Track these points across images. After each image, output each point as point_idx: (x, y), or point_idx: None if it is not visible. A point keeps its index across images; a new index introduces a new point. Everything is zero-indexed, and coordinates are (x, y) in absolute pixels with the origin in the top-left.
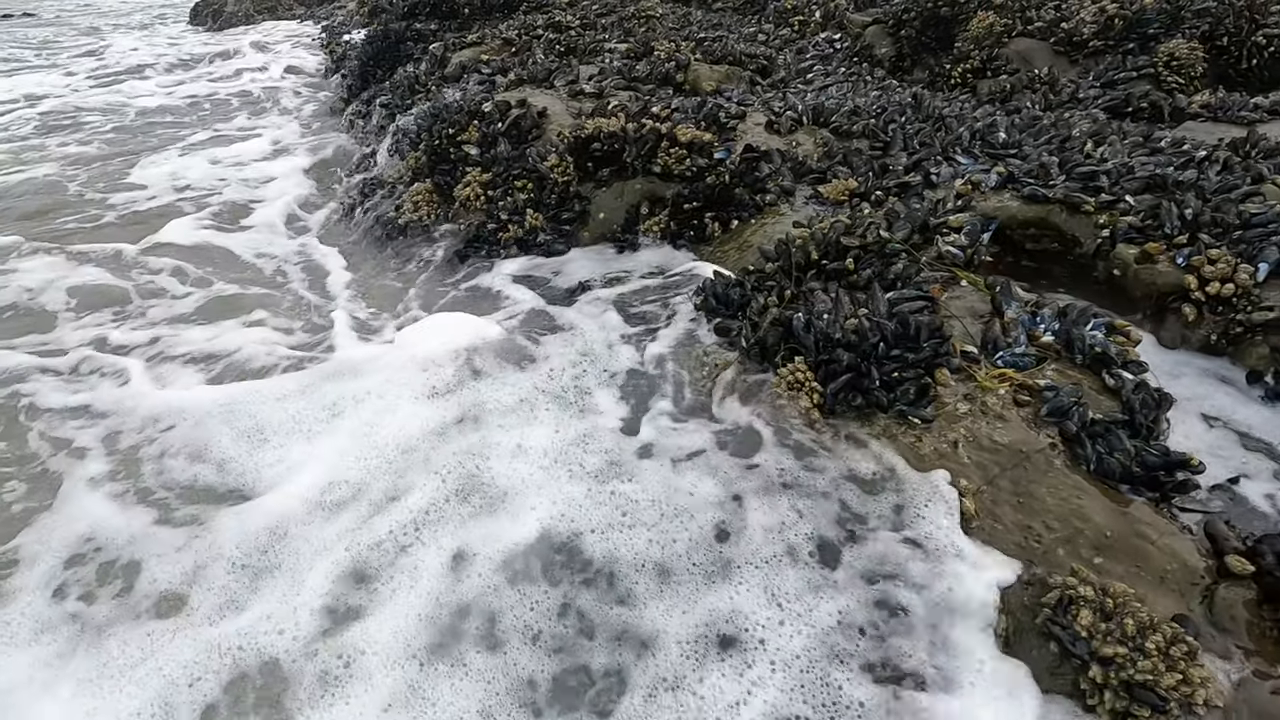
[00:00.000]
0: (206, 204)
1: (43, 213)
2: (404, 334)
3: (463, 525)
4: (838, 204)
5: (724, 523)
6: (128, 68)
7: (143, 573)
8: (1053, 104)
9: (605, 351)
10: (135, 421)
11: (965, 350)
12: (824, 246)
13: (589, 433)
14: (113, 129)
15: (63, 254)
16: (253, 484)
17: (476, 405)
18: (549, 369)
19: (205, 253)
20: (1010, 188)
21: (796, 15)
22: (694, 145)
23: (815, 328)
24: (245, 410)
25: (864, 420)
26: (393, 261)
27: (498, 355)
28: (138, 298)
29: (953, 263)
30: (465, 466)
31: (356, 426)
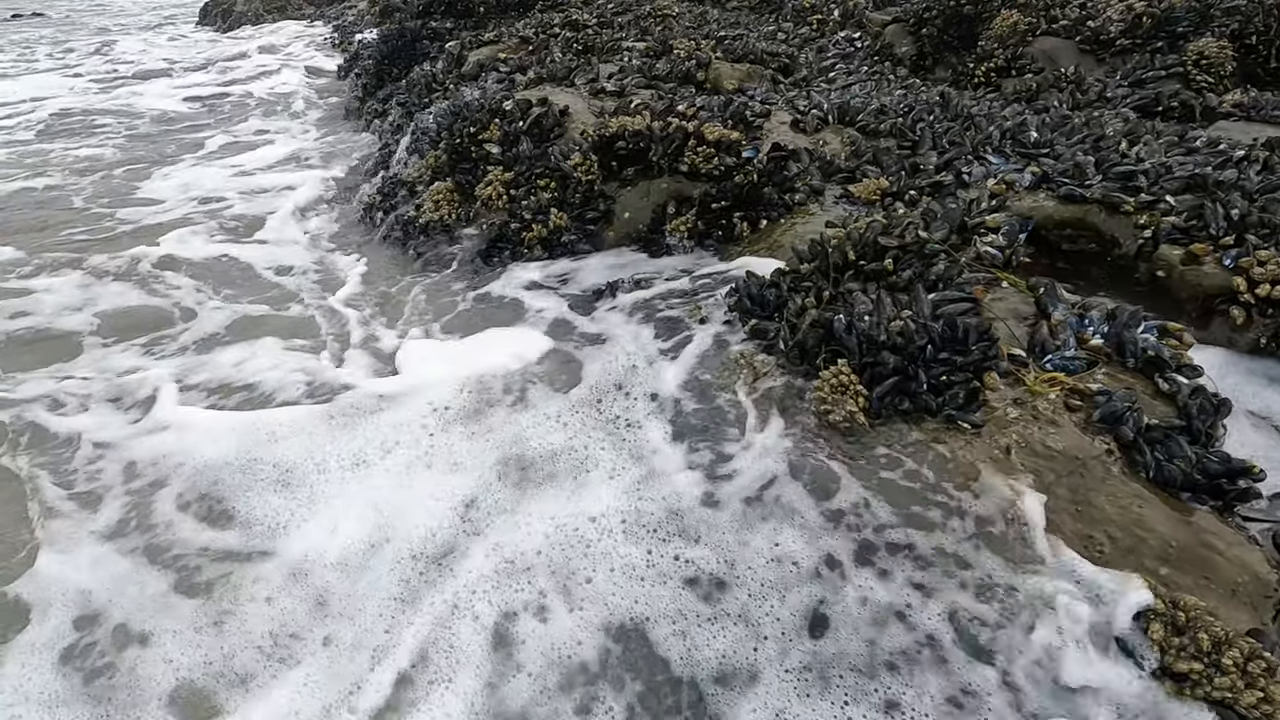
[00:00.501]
0: (221, 214)
1: (55, 224)
2: (430, 360)
3: (509, 601)
4: (869, 204)
5: (822, 603)
6: (137, 69)
7: (157, 647)
8: (1080, 103)
9: (646, 369)
10: (151, 460)
11: (1012, 353)
12: (861, 247)
13: (644, 477)
14: (123, 133)
15: (78, 270)
16: (276, 544)
17: (518, 443)
18: (594, 397)
19: (223, 267)
20: (1045, 187)
21: (815, 14)
22: (722, 144)
23: (857, 329)
24: (267, 454)
25: (911, 424)
26: (414, 265)
27: (535, 381)
28: (156, 319)
29: (992, 263)
30: (510, 525)
31: (389, 478)
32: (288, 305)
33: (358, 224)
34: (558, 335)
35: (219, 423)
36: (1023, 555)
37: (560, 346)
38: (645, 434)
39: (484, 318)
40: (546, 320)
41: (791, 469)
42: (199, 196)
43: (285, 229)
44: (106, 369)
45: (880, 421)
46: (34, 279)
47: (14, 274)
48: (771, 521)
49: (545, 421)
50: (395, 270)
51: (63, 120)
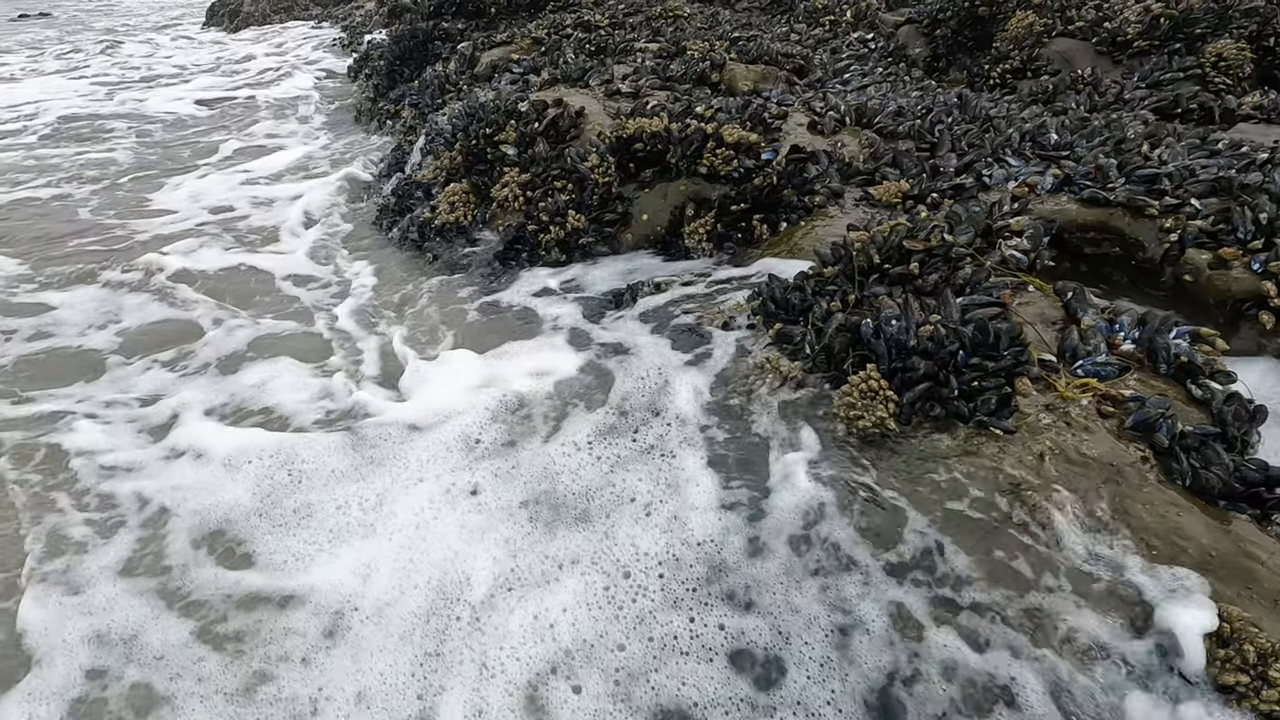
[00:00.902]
0: (234, 224)
1: (64, 234)
2: (452, 381)
3: (539, 664)
4: (890, 207)
5: (894, 680)
6: (144, 72)
7: (184, 717)
8: (1098, 105)
9: (672, 384)
10: (167, 489)
11: (1043, 358)
12: (886, 250)
13: (680, 517)
14: (130, 139)
15: (92, 284)
16: (302, 591)
17: (548, 478)
18: (622, 422)
19: (240, 279)
20: (1067, 190)
21: (827, 14)
22: (741, 146)
23: (885, 334)
24: (286, 489)
25: (942, 431)
26: (432, 269)
27: (561, 403)
28: (174, 336)
29: (1017, 267)
30: (540, 576)
31: (412, 519)
32: (305, 319)
33: (373, 227)
34: (580, 347)
35: (237, 451)
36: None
37: (584, 361)
38: (678, 463)
39: (503, 328)
40: (567, 331)
41: (839, 501)
42: (210, 205)
43: (300, 236)
44: (124, 389)
45: (910, 427)
46: (47, 293)
47: (27, 287)
48: (825, 576)
49: (575, 454)
50: (412, 276)
51: (69, 125)
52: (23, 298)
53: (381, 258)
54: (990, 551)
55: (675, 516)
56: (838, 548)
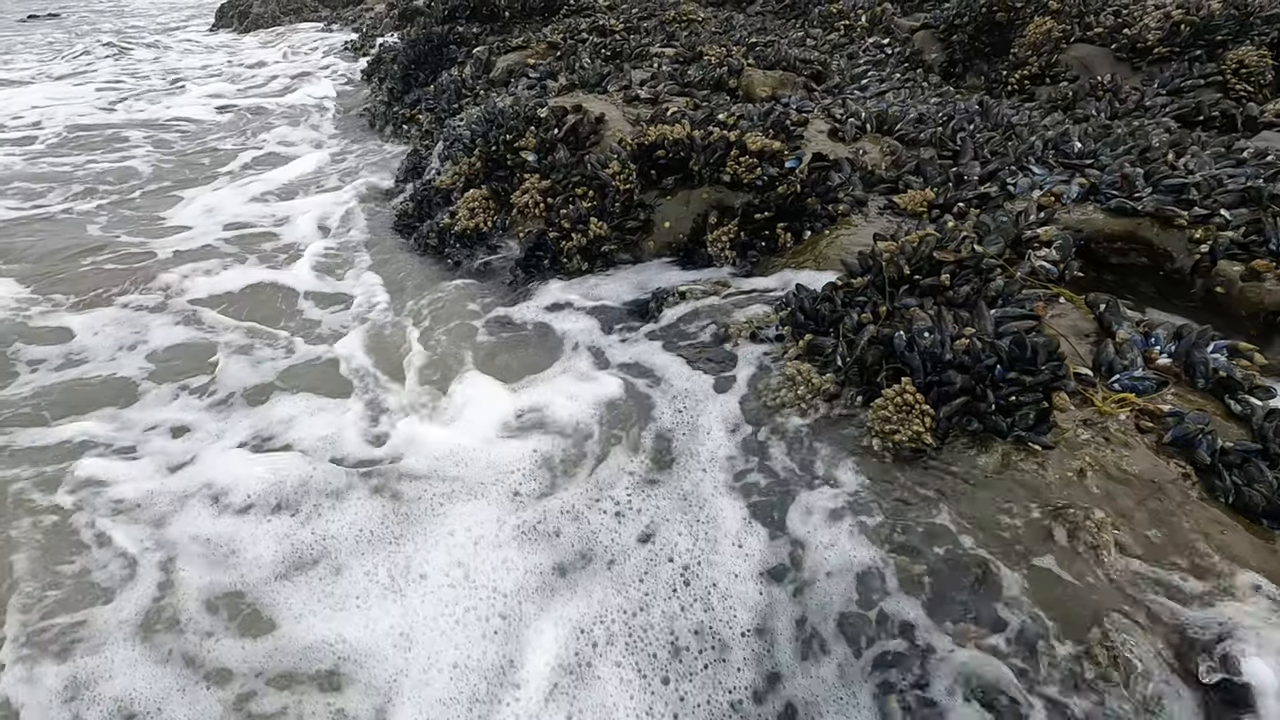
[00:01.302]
0: (252, 240)
1: (78, 251)
2: (478, 417)
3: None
4: (915, 216)
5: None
6: (153, 77)
7: None
8: (1119, 112)
9: (706, 417)
10: (187, 537)
11: (1079, 372)
12: (916, 261)
13: (718, 585)
14: (141, 148)
15: (111, 305)
16: (340, 672)
17: (584, 539)
18: (655, 465)
19: (261, 299)
20: (1094, 199)
21: (842, 19)
22: (764, 154)
23: (919, 346)
24: (311, 546)
25: (979, 446)
26: (452, 280)
27: (592, 442)
28: (195, 363)
29: (1046, 278)
30: (581, 670)
31: (441, 586)
32: (327, 340)
33: (392, 234)
34: (607, 372)
35: (259, 497)
36: None
37: (611, 392)
38: (715, 512)
39: (526, 351)
40: (592, 354)
41: (883, 560)
42: (226, 220)
43: (318, 251)
44: (144, 422)
45: (946, 441)
46: (64, 315)
47: (40, 308)
48: (884, 669)
49: (610, 507)
50: (434, 288)
51: (77, 133)
52: (39, 320)
53: (402, 269)
54: (1036, 573)
55: (714, 585)
56: (891, 622)
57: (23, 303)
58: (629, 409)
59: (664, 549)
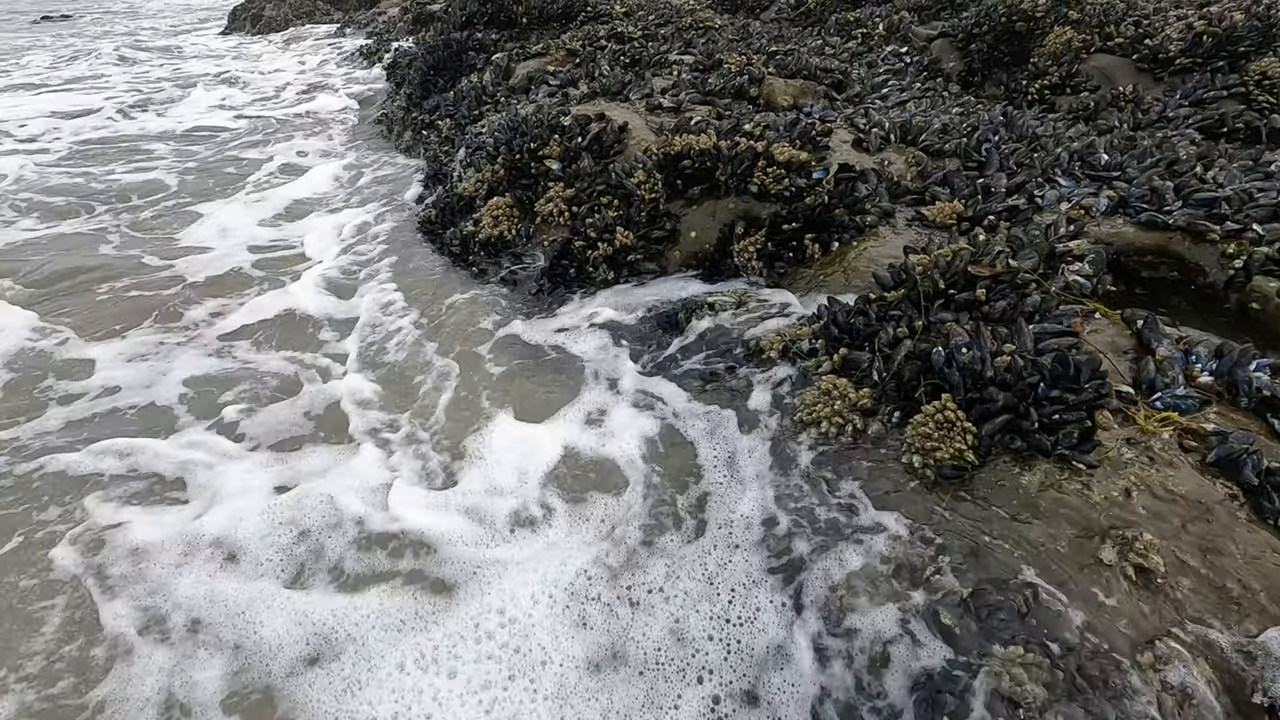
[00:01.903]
0: (273, 262)
1: (94, 275)
2: (503, 488)
3: None
4: (944, 228)
5: None
6: (165, 84)
7: None
8: (1141, 123)
9: (742, 469)
10: (202, 603)
11: (1120, 390)
12: (950, 275)
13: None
14: (153, 161)
15: (132, 334)
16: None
17: (619, 636)
18: (689, 535)
19: (289, 328)
20: (1123, 212)
21: (859, 27)
22: (792, 165)
23: (958, 362)
24: (336, 631)
25: (1022, 464)
26: (477, 293)
27: (625, 509)
28: (222, 400)
29: (1080, 293)
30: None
31: (480, 681)
32: (356, 371)
33: (415, 243)
34: (636, 406)
35: (276, 564)
36: None
37: (643, 435)
38: (755, 608)
39: (554, 374)
40: (619, 381)
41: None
42: (247, 240)
43: (342, 270)
44: (167, 463)
45: (988, 460)
46: (88, 347)
47: (57, 338)
48: None
49: (645, 596)
50: (457, 303)
51: (88, 144)
52: (62, 352)
53: (425, 282)
54: (1085, 595)
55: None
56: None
57: (41, 332)
58: (665, 463)
59: (697, 659)
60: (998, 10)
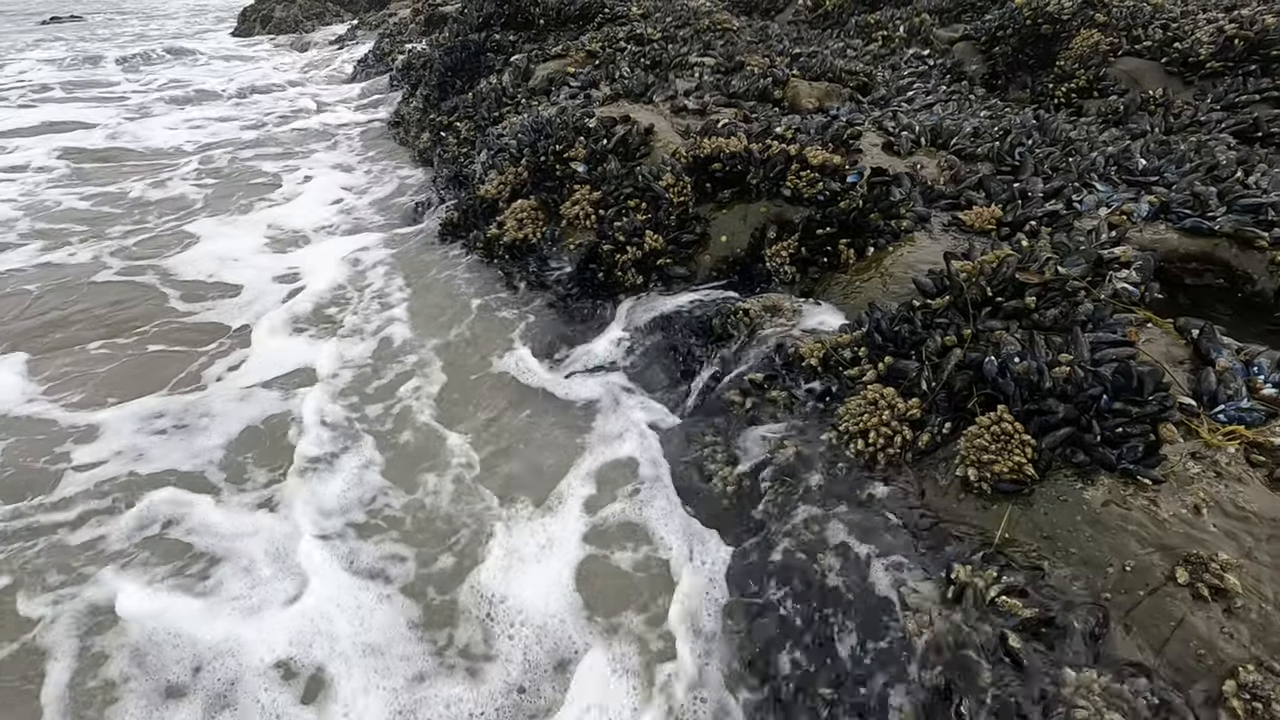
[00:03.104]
0: (299, 304)
1: (93, 316)
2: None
3: None
4: (983, 233)
5: None
6: (172, 91)
7: None
8: (1173, 127)
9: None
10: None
11: (1181, 402)
12: (997, 282)
13: None
14: (158, 177)
15: (144, 395)
16: None
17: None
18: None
19: (302, 377)
20: (1165, 218)
21: (880, 30)
22: (826, 168)
23: (1013, 372)
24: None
25: (1083, 479)
26: (498, 305)
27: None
28: (248, 462)
29: (1130, 301)
30: None
31: None
32: (386, 430)
33: (437, 247)
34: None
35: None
36: None
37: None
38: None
39: (587, 417)
40: (655, 439)
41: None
42: (263, 267)
43: (364, 298)
44: (206, 546)
45: (1048, 474)
46: (92, 413)
47: (53, 396)
48: None
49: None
50: (482, 325)
51: (84, 161)
52: (66, 417)
53: (445, 299)
54: (1159, 618)
55: None
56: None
57: (44, 387)
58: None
59: None
60: (1022, 13)
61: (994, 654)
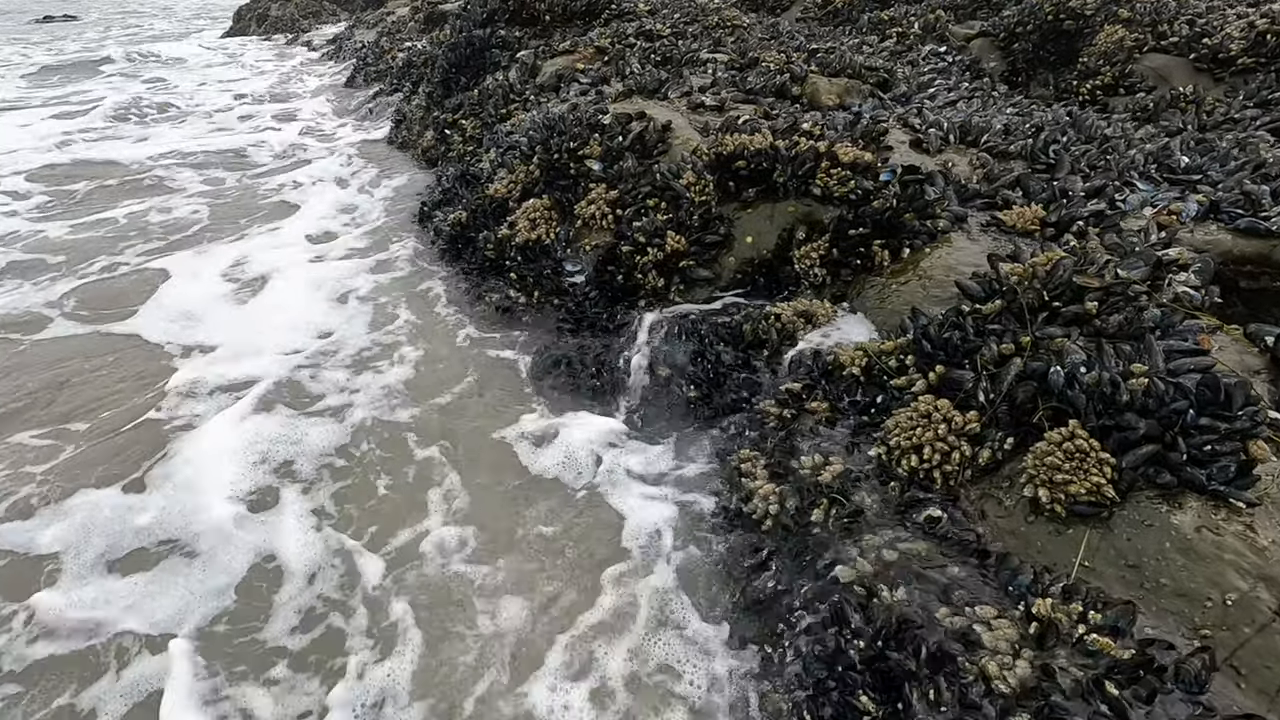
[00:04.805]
0: (302, 375)
1: (55, 401)
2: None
3: None
4: (1025, 234)
5: None
6: (164, 98)
7: None
8: (1206, 124)
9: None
10: None
11: (1271, 417)
12: (1054, 286)
13: None
14: (145, 201)
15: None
16: None
17: None
18: None
19: (320, 463)
20: (1215, 218)
21: (894, 26)
22: (857, 166)
23: (1081, 384)
24: None
25: (1169, 502)
26: (505, 348)
27: None
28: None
29: (1191, 306)
30: None
31: None
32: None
33: (442, 254)
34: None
35: None
36: None
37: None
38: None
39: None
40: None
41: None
42: (225, 323)
43: (379, 380)
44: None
45: (1129, 495)
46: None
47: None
48: None
49: None
50: (489, 329)
51: (55, 182)
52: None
53: (450, 330)
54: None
55: None
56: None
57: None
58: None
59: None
60: (1043, 8)
61: (1090, 701)
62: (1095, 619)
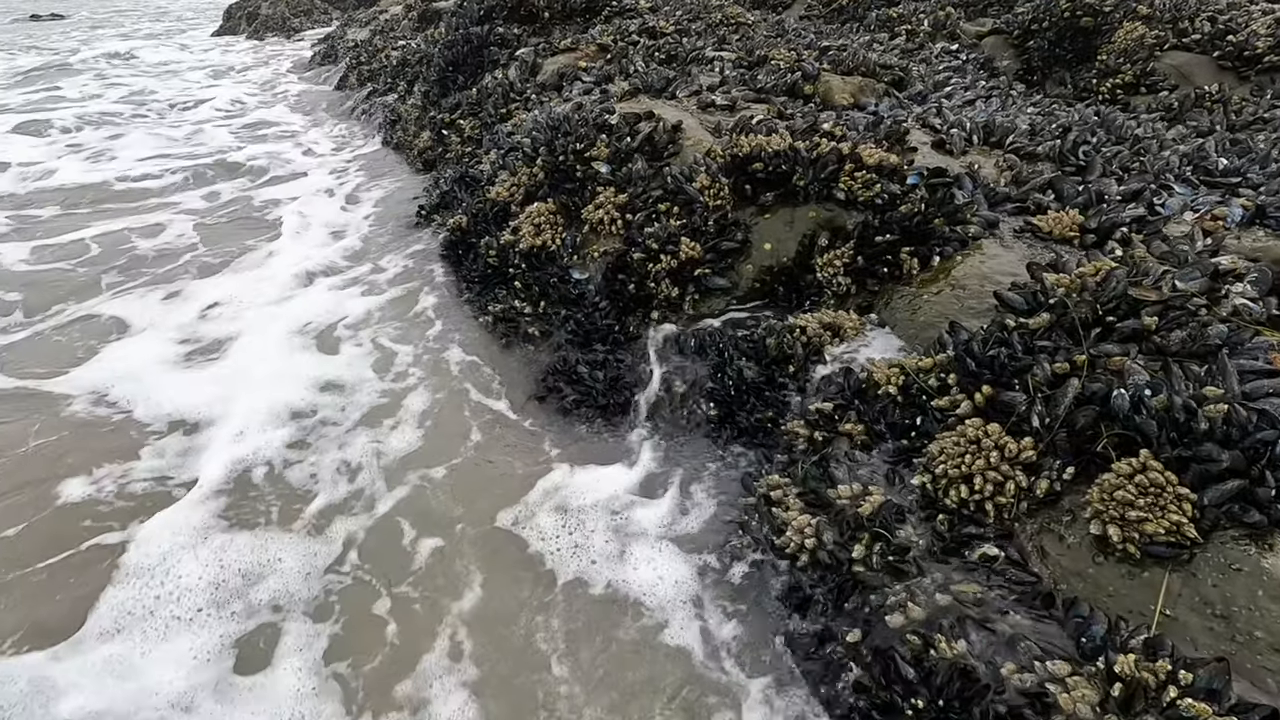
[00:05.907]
0: (300, 449)
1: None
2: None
3: None
4: (1064, 240)
5: None
6: (155, 103)
7: None
8: (1235, 124)
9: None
10: None
11: None
12: (1107, 299)
13: None
14: (99, 221)
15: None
16: None
17: None
18: None
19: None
20: (1261, 224)
21: (903, 23)
22: (882, 168)
23: (1150, 409)
24: None
25: (1256, 542)
26: (523, 349)
27: None
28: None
29: (1254, 320)
30: None
31: None
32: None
33: (445, 259)
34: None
35: None
36: None
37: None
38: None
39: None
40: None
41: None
42: (267, 397)
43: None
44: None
45: (1212, 535)
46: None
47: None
48: None
49: None
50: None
51: (26, 201)
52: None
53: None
54: None
55: None
56: None
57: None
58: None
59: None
60: (1060, 4)
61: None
62: (1186, 679)
